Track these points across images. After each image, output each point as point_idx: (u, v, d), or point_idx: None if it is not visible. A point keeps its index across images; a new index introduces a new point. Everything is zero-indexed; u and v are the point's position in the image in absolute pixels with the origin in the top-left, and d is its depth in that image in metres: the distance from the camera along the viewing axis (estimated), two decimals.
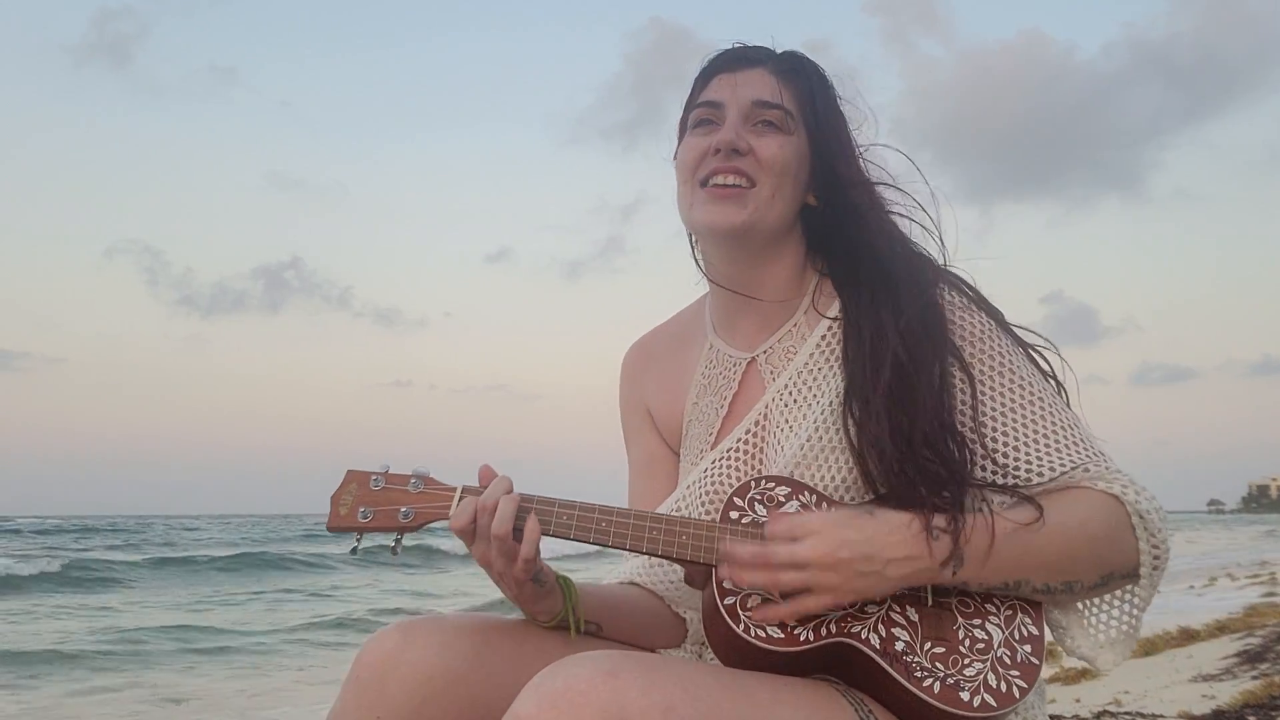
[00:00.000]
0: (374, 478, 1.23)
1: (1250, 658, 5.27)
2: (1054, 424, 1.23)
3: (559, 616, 1.26)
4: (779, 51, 1.37)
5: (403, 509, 1.21)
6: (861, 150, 1.37)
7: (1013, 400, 1.24)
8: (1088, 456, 1.21)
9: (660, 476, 1.47)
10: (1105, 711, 4.28)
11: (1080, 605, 1.25)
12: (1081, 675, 5.22)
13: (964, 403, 1.22)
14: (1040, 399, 1.24)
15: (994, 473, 1.22)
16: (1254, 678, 4.60)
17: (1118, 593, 1.24)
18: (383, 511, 1.21)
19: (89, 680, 8.01)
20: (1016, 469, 1.21)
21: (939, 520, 1.13)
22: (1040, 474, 1.20)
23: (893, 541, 1.11)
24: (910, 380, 1.20)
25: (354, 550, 1.23)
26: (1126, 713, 4.24)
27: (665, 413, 1.47)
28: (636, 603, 1.38)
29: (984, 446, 1.22)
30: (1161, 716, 4.09)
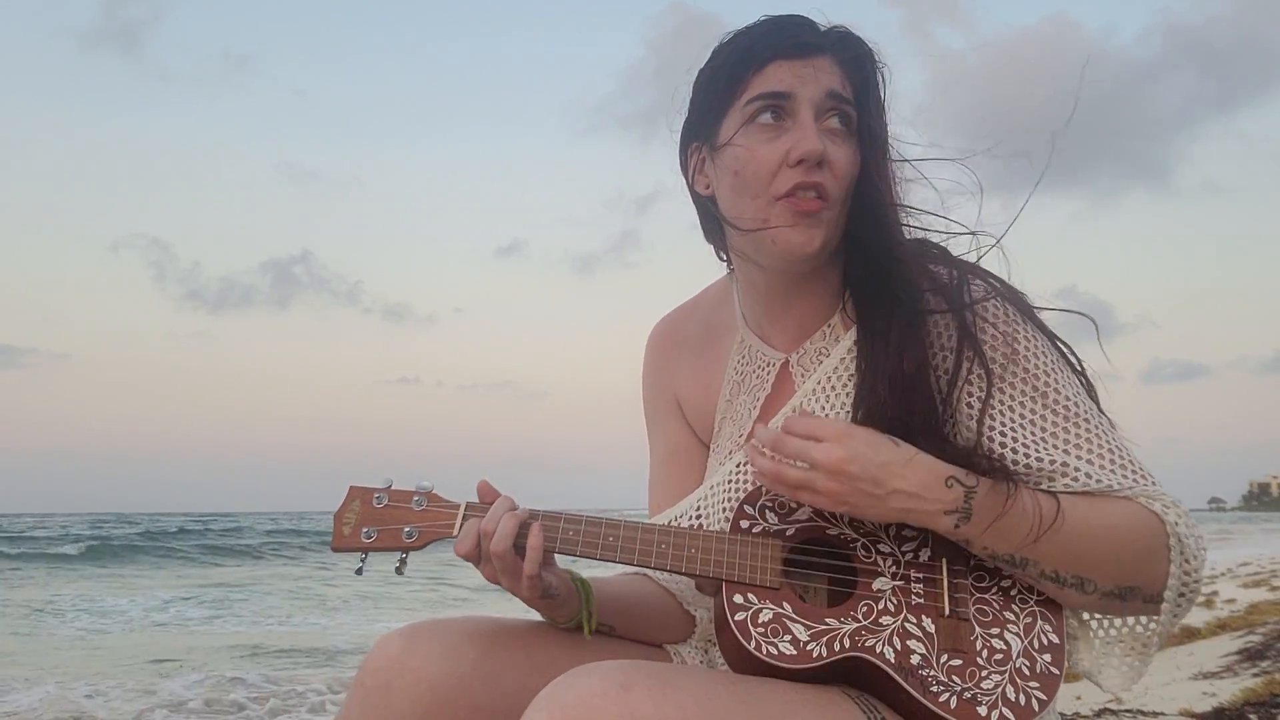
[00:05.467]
0: (377, 495, 1.22)
1: (1251, 655, 5.27)
2: (1103, 445, 1.18)
3: (575, 619, 1.25)
4: (835, 32, 1.21)
5: (406, 528, 1.20)
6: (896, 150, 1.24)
7: (1055, 414, 1.18)
8: (1137, 477, 1.17)
9: (684, 467, 1.43)
10: (1106, 709, 4.28)
11: (1092, 621, 1.22)
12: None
13: (1006, 423, 1.17)
14: (1087, 420, 1.19)
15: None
16: (1255, 675, 4.60)
17: (1136, 618, 1.21)
18: (386, 531, 1.20)
19: None
20: (1055, 479, 1.16)
21: (959, 472, 1.11)
22: (1078, 483, 1.15)
23: (906, 474, 1.09)
24: (943, 405, 1.16)
25: (359, 571, 1.22)
26: (1127, 710, 4.23)
27: (697, 405, 1.42)
28: (648, 599, 1.36)
29: (1023, 468, 1.16)
30: (1162, 714, 4.09)
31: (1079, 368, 1.24)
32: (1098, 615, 1.22)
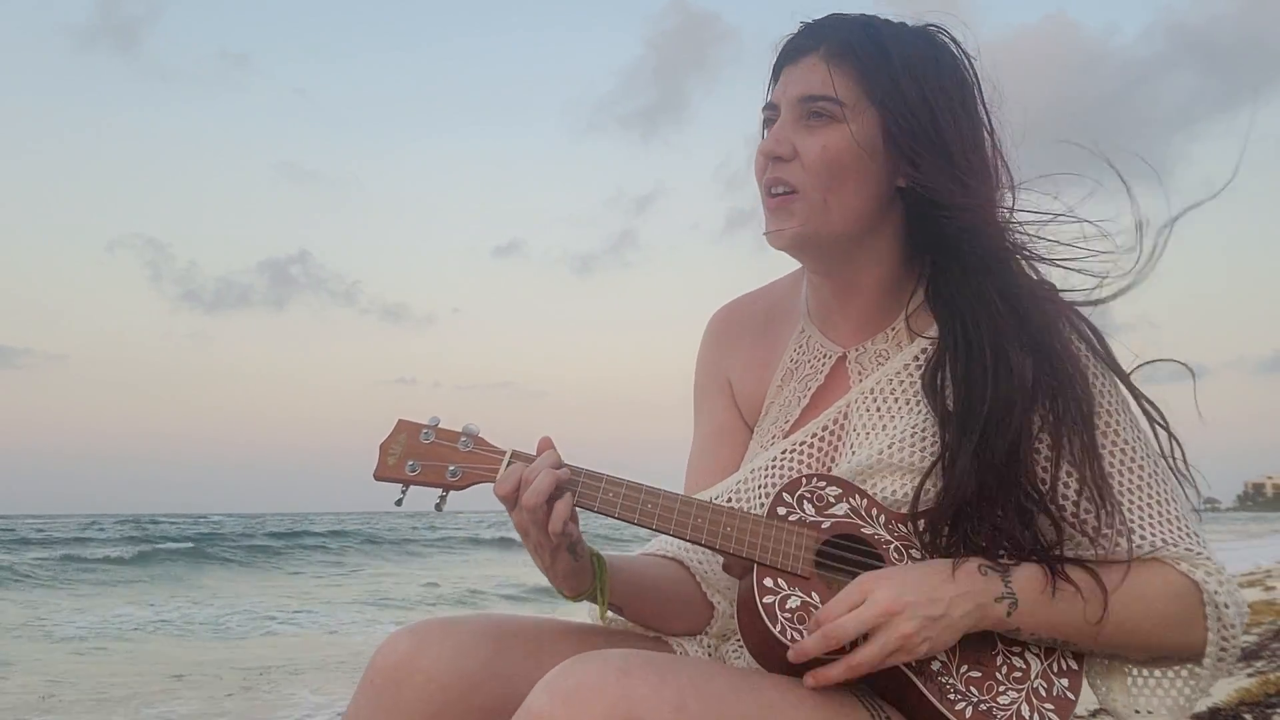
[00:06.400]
0: (424, 430, 1.22)
1: (1246, 655, 5.28)
2: (1150, 495, 1.17)
3: (586, 594, 1.25)
4: (823, 26, 1.24)
5: (451, 467, 1.20)
6: (970, 125, 1.21)
7: (1110, 465, 1.17)
8: (1179, 535, 1.16)
9: (726, 450, 1.42)
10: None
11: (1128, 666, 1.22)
12: None
13: (1060, 468, 1.16)
14: (1141, 465, 1.18)
15: (1072, 539, 1.17)
16: (1250, 675, 4.61)
17: (1175, 667, 1.20)
18: (430, 467, 1.20)
19: None
20: (1098, 538, 1.16)
21: (981, 560, 1.12)
22: (1122, 547, 1.15)
23: (947, 581, 1.09)
24: (1008, 437, 1.14)
25: (398, 502, 1.22)
26: None
27: (748, 389, 1.41)
28: (665, 583, 1.34)
29: (1069, 513, 1.16)
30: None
31: (1159, 419, 1.22)
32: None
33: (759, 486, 1.30)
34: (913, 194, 1.21)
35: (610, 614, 1.30)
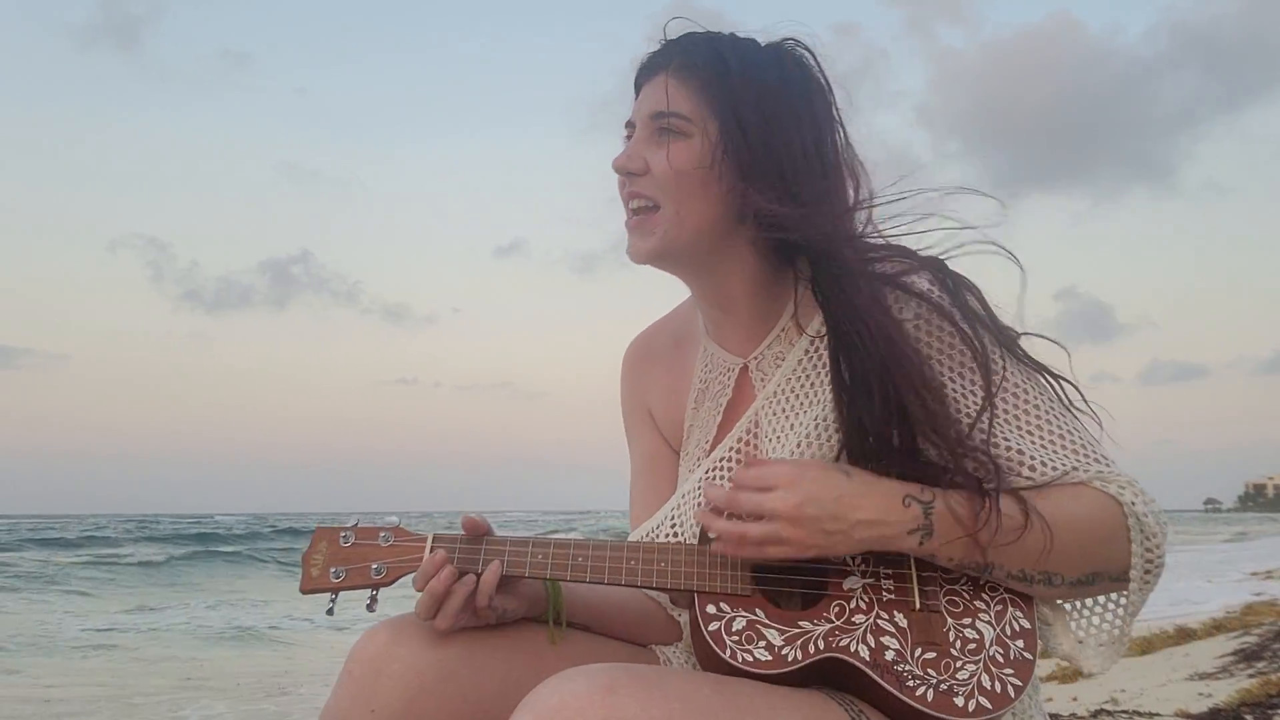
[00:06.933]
0: (343, 534, 1.23)
1: (1247, 656, 5.28)
2: (1054, 429, 1.20)
3: (543, 617, 1.27)
4: (673, 45, 1.27)
5: (374, 565, 1.21)
6: (821, 127, 1.23)
7: (1005, 408, 1.20)
8: (1090, 460, 1.19)
9: (660, 476, 1.45)
10: (1102, 710, 4.29)
11: (1066, 605, 1.24)
12: (1078, 673, 5.22)
13: (958, 413, 1.18)
14: (1036, 405, 1.21)
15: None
16: (1250, 676, 4.61)
17: (1108, 596, 1.23)
18: (354, 569, 1.21)
19: None
20: (1010, 470, 1.17)
21: (913, 489, 1.12)
22: (1036, 472, 1.17)
23: (863, 504, 1.11)
24: (902, 400, 1.15)
25: (329, 611, 1.23)
26: (1123, 711, 4.25)
27: (667, 416, 1.45)
28: (631, 602, 1.36)
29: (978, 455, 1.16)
30: (1158, 715, 4.10)
31: (1032, 363, 1.23)
32: (1071, 602, 1.24)
33: (690, 508, 1.32)
34: (752, 204, 1.22)
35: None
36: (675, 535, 1.32)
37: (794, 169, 1.21)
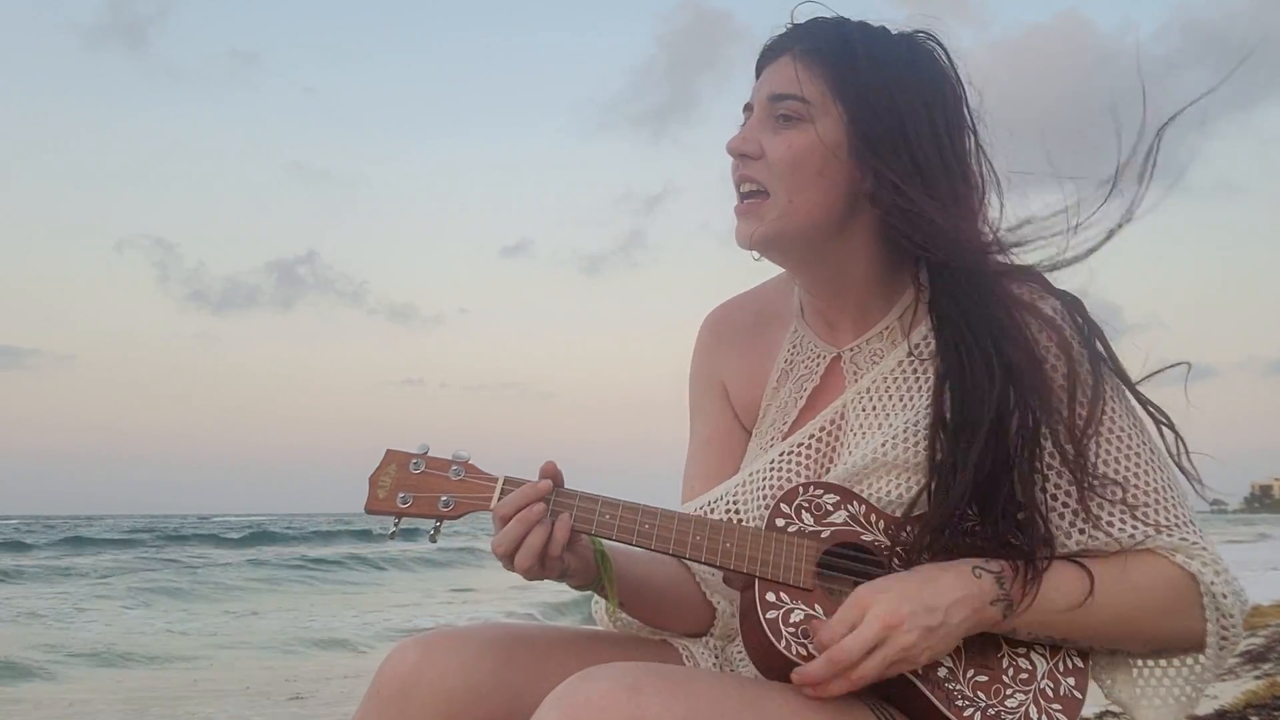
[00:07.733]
0: (414, 460, 1.20)
1: (1253, 657, 5.27)
2: (1146, 486, 1.16)
3: (591, 586, 1.25)
4: (798, 29, 1.24)
5: (443, 497, 1.18)
6: (951, 126, 1.19)
7: (1106, 456, 1.16)
8: (1176, 523, 1.15)
9: (724, 454, 1.40)
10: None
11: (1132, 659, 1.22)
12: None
13: (1052, 455, 1.15)
14: (1137, 453, 1.17)
15: (1068, 535, 1.17)
16: (1257, 678, 4.60)
17: (1180, 657, 1.19)
18: (422, 498, 1.18)
19: None
20: (1093, 533, 1.15)
21: (977, 561, 1.11)
22: (1115, 537, 1.14)
23: (943, 589, 1.08)
24: (1005, 443, 1.12)
25: (391, 534, 1.21)
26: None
27: (743, 392, 1.40)
28: (666, 580, 1.33)
29: (1063, 514, 1.16)
30: None
31: (1162, 418, 1.20)
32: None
33: (758, 489, 1.29)
34: (881, 196, 1.18)
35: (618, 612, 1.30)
36: (736, 514, 1.29)
37: (926, 160, 1.16)
